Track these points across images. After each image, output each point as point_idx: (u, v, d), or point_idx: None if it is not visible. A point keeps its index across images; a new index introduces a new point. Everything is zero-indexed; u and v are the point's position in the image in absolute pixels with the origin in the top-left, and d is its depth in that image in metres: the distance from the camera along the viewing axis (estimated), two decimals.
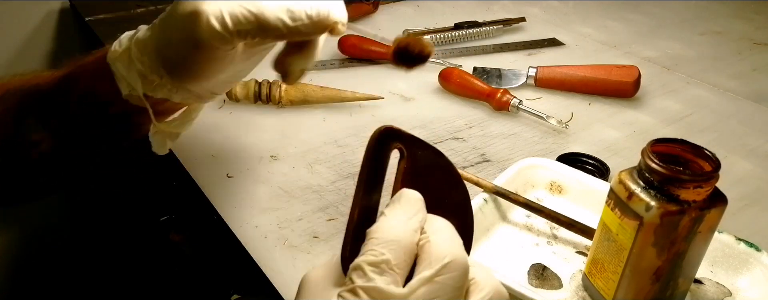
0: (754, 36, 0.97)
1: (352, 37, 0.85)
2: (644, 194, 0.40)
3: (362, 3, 0.99)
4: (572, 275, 0.49)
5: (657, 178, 0.39)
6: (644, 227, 0.40)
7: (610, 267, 0.43)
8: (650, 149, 0.40)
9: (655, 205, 0.39)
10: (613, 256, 0.43)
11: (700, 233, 0.41)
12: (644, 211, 0.39)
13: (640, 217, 0.40)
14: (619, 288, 0.43)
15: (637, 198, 0.40)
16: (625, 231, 0.41)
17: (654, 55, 0.90)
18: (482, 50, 0.89)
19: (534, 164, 0.58)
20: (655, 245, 0.40)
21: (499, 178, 0.55)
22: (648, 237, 0.40)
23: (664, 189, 0.39)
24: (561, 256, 0.51)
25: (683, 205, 0.39)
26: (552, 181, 0.58)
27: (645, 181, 0.40)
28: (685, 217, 0.39)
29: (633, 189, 0.40)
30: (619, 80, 0.76)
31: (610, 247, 0.43)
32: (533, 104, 0.71)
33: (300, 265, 0.50)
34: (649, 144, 0.41)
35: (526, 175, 0.57)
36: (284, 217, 0.55)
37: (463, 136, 0.69)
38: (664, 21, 1.02)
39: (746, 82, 0.83)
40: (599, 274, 0.45)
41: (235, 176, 0.61)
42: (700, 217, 0.40)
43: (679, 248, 0.41)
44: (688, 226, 0.40)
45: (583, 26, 0.99)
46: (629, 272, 0.42)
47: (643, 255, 0.41)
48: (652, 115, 0.73)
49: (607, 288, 0.44)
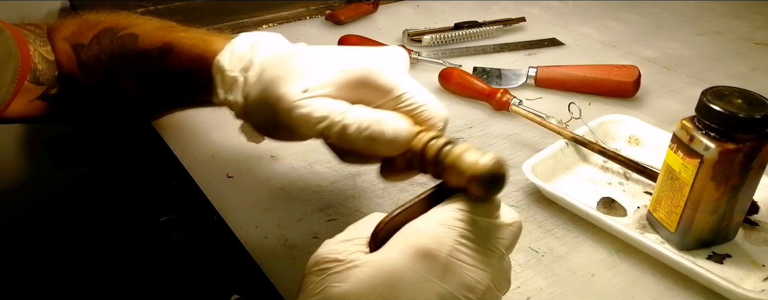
0: (754, 36, 0.97)
1: (352, 37, 0.85)
2: (703, 136, 0.47)
3: (362, 3, 1.00)
4: (637, 209, 0.57)
5: (715, 121, 0.46)
6: (704, 164, 0.47)
7: (674, 202, 0.50)
8: (708, 95, 0.47)
9: (714, 144, 0.46)
10: (676, 193, 0.50)
11: (752, 169, 0.47)
12: (704, 150, 0.46)
13: (700, 156, 0.47)
14: (682, 219, 0.50)
15: (697, 140, 0.47)
16: (687, 169, 0.48)
17: (654, 55, 0.90)
18: (482, 50, 0.89)
19: (615, 119, 0.66)
20: (713, 179, 0.47)
21: (582, 128, 0.63)
22: (708, 173, 0.47)
23: (721, 130, 0.46)
24: (630, 194, 0.59)
25: (738, 144, 0.46)
26: (631, 135, 0.65)
27: (703, 125, 0.47)
28: (740, 154, 0.46)
29: (694, 132, 0.47)
30: (619, 80, 0.76)
31: (673, 184, 0.50)
32: (533, 104, 0.71)
33: (300, 265, 0.50)
34: (706, 91, 0.47)
35: (607, 129, 0.66)
36: (284, 217, 0.55)
37: (463, 136, 0.69)
38: (664, 21, 1.02)
39: (746, 82, 0.83)
40: (663, 208, 0.52)
41: (235, 176, 0.61)
42: (752, 154, 0.46)
43: (734, 182, 0.47)
44: (742, 163, 0.46)
45: (583, 26, 0.99)
46: (691, 205, 0.49)
47: (703, 189, 0.48)
48: (652, 115, 0.73)
49: (670, 220, 0.51)
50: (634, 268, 0.51)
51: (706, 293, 0.48)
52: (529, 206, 0.58)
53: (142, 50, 0.51)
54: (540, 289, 0.49)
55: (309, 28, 0.97)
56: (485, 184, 0.36)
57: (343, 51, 0.44)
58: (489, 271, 0.35)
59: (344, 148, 0.42)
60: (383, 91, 0.41)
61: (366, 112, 0.40)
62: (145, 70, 0.52)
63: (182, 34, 0.51)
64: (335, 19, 0.96)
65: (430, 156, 0.38)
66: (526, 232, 0.54)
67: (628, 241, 0.52)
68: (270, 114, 0.43)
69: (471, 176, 0.36)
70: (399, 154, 0.40)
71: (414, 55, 0.83)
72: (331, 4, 1.04)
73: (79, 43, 0.53)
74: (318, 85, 0.41)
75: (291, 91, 0.41)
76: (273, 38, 0.48)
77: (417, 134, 0.40)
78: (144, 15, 0.97)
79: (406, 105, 0.41)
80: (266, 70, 0.44)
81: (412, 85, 0.42)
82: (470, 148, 0.37)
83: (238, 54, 0.46)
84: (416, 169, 0.41)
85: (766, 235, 0.54)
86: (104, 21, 0.54)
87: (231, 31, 0.93)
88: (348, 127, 0.39)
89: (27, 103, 0.53)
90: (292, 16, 1.00)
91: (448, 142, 0.39)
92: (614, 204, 0.57)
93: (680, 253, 0.50)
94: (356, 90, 0.42)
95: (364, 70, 0.42)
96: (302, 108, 0.40)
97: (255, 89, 0.44)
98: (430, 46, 0.90)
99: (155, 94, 0.53)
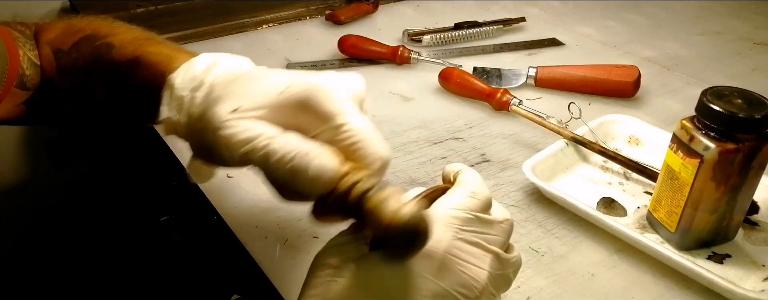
0: (753, 36, 0.97)
1: (352, 37, 0.85)
2: (703, 136, 0.47)
3: (362, 3, 1.00)
4: (637, 209, 0.57)
5: (715, 121, 0.46)
6: (704, 164, 0.47)
7: (674, 202, 0.50)
8: (708, 95, 0.47)
9: (714, 144, 0.46)
10: (676, 193, 0.50)
11: (752, 169, 0.47)
12: (704, 150, 0.46)
13: (700, 156, 0.47)
14: (682, 219, 0.50)
15: (697, 140, 0.47)
16: (687, 169, 0.48)
17: (654, 55, 0.90)
18: (482, 50, 0.89)
19: (615, 119, 0.66)
20: (713, 179, 0.47)
21: (582, 128, 0.63)
22: (708, 173, 0.47)
23: (721, 130, 0.46)
24: (630, 194, 0.59)
25: (738, 144, 0.46)
26: (631, 135, 0.66)
27: (703, 125, 0.47)
28: (740, 154, 0.46)
29: (694, 132, 0.47)
30: (619, 80, 0.76)
31: (673, 184, 0.50)
32: (533, 104, 0.71)
33: (300, 265, 0.50)
34: (706, 91, 0.48)
35: (607, 128, 0.66)
36: (284, 217, 0.55)
37: (463, 136, 0.69)
38: (664, 21, 1.02)
39: (746, 82, 0.83)
40: (663, 208, 0.52)
41: (235, 176, 0.61)
42: (752, 154, 0.46)
43: (734, 182, 0.47)
44: (742, 163, 0.46)
45: (583, 26, 0.99)
46: (691, 205, 0.49)
47: (703, 189, 0.48)
48: (652, 115, 0.73)
49: (669, 220, 0.51)
50: (634, 268, 0.51)
51: (706, 293, 0.48)
52: (529, 206, 0.58)
53: (114, 61, 0.49)
54: (540, 289, 0.49)
55: (309, 28, 0.97)
56: (400, 236, 0.32)
57: (294, 74, 0.40)
58: (486, 269, 0.35)
59: (268, 178, 0.38)
60: (322, 117, 0.38)
61: (296, 141, 0.36)
62: (114, 81, 0.50)
63: (152, 49, 0.48)
64: (335, 19, 0.96)
65: (351, 199, 0.35)
66: (526, 231, 0.54)
67: (628, 241, 0.52)
68: (200, 135, 0.40)
69: (387, 226, 0.32)
70: (328, 194, 0.36)
71: (414, 55, 0.83)
72: (331, 4, 1.04)
73: (60, 49, 0.52)
74: (251, 106, 0.38)
75: (220, 111, 0.38)
76: (234, 60, 0.44)
77: (345, 174, 0.36)
78: (144, 15, 0.98)
79: (343, 138, 0.37)
80: (213, 91, 0.41)
81: (354, 117, 0.38)
82: (395, 194, 0.34)
83: (191, 74, 0.43)
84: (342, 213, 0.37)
85: (766, 235, 0.54)
86: (86, 28, 0.52)
87: (231, 31, 0.93)
88: (271, 154, 0.36)
89: (12, 107, 0.52)
90: (292, 16, 0.99)
91: (373, 186, 0.35)
92: (614, 204, 0.57)
93: (680, 253, 0.50)
94: (294, 114, 0.38)
95: (304, 92, 0.38)
96: (227, 129, 0.37)
97: (198, 109, 0.41)
98: (430, 46, 0.90)
99: (123, 104, 0.51)
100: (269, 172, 0.37)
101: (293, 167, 0.35)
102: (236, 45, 0.90)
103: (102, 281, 1.18)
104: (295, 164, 0.35)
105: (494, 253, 0.36)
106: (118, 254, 1.16)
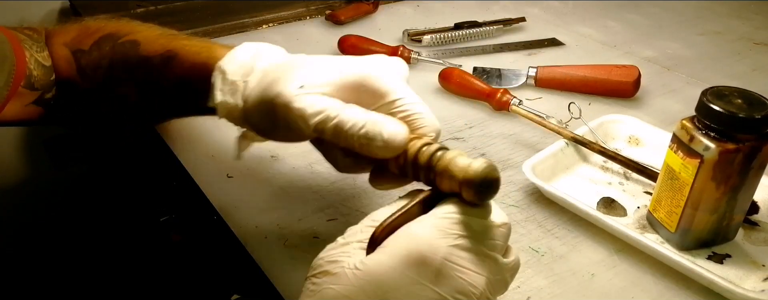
0: (753, 36, 0.97)
1: (352, 37, 0.85)
2: (703, 136, 0.47)
3: (362, 3, 0.99)
4: (637, 209, 0.57)
5: (715, 121, 0.46)
6: (705, 164, 0.47)
7: (674, 202, 0.50)
8: (708, 95, 0.47)
9: (714, 144, 0.46)
10: (676, 193, 0.50)
11: (752, 169, 0.47)
12: (704, 150, 0.46)
13: (700, 156, 0.47)
14: (682, 219, 0.50)
15: (697, 140, 0.47)
16: (687, 169, 0.48)
17: (654, 55, 0.90)
18: (482, 50, 0.89)
19: (615, 119, 0.66)
20: (713, 179, 0.47)
21: (582, 128, 0.63)
22: (708, 173, 0.47)
23: (721, 130, 0.46)
24: (630, 194, 0.59)
25: (738, 144, 0.46)
26: (631, 135, 0.66)
27: (703, 125, 0.47)
28: (740, 154, 0.46)
29: (694, 132, 0.47)
30: (619, 80, 0.76)
31: (673, 184, 0.50)
32: (533, 104, 0.71)
33: (300, 265, 0.50)
34: (706, 91, 0.47)
35: (607, 128, 0.66)
36: (284, 217, 0.55)
37: (463, 136, 0.69)
38: (664, 21, 1.02)
39: (746, 82, 0.83)
40: (663, 209, 0.52)
41: (235, 176, 0.61)
42: (752, 154, 0.46)
43: (734, 182, 0.47)
44: (742, 163, 0.46)
45: (583, 26, 0.99)
46: (691, 205, 0.49)
47: (703, 189, 0.48)
48: (652, 115, 0.73)
49: (669, 220, 0.51)
50: (634, 268, 0.51)
51: (706, 293, 0.48)
52: (529, 206, 0.58)
53: (143, 57, 0.52)
54: (540, 289, 0.49)
55: (309, 28, 0.97)
56: (477, 188, 0.36)
57: (342, 58, 0.45)
58: (484, 275, 0.35)
59: (339, 145, 0.42)
60: (378, 94, 0.42)
61: (362, 112, 0.40)
62: (145, 77, 0.53)
63: (185, 42, 0.52)
64: (335, 19, 0.96)
65: (422, 161, 0.38)
66: (526, 231, 0.54)
67: (628, 241, 0.52)
68: (269, 112, 0.43)
69: (463, 181, 0.36)
70: (391, 159, 0.40)
71: (414, 55, 0.83)
72: (331, 4, 1.04)
73: (80, 49, 0.54)
74: (315, 83, 0.42)
75: (288, 88, 0.42)
76: (274, 49, 0.49)
77: (410, 140, 0.40)
78: (143, 15, 0.98)
79: (400, 111, 0.41)
80: (267, 75, 0.45)
81: (407, 93, 0.42)
82: (462, 154, 0.37)
83: (240, 61, 0.47)
84: (408, 176, 0.40)
85: (766, 235, 0.54)
86: (105, 28, 0.55)
87: (231, 31, 0.93)
88: (343, 123, 0.40)
89: (21, 107, 0.53)
90: (292, 16, 0.99)
91: (440, 147, 0.39)
92: (614, 204, 0.57)
93: (680, 253, 0.50)
94: (352, 92, 0.42)
95: (361, 72, 0.43)
96: (299, 102, 0.41)
97: (255, 92, 0.45)
98: (430, 46, 0.90)
99: (153, 100, 0.54)
100: (342, 139, 0.40)
101: (367, 132, 0.39)
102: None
103: (102, 281, 1.18)
104: (368, 129, 0.39)
105: (492, 258, 0.36)
106: (119, 254, 1.16)
